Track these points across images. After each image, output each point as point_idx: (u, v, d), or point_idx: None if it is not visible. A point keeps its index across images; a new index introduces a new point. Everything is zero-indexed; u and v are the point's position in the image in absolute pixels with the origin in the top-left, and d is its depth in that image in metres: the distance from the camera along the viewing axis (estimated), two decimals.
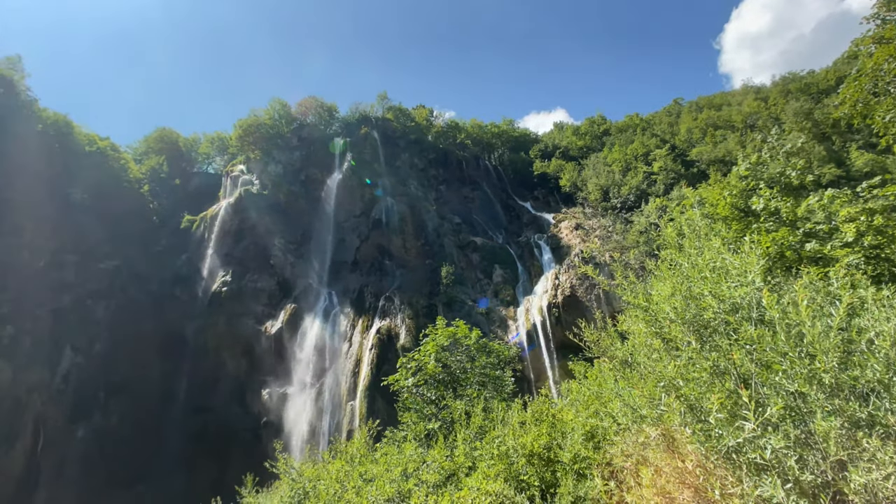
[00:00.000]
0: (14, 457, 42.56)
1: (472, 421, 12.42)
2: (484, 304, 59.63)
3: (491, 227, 64.52)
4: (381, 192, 63.55)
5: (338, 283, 56.17)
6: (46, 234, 53.08)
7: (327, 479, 11.26)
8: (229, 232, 61.64)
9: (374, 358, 44.98)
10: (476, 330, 17.39)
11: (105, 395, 50.89)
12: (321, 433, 42.45)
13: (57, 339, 50.22)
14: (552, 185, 74.16)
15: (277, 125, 73.46)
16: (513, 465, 9.94)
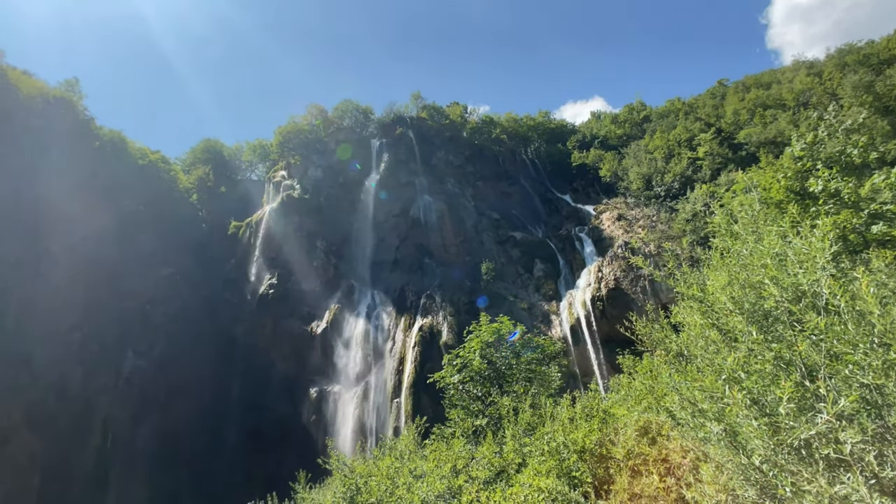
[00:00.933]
0: (86, 454, 45.50)
1: (520, 417, 12.32)
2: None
3: (530, 222, 63.81)
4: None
5: (379, 282, 57.00)
6: (108, 245, 56.34)
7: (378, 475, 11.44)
8: (273, 236, 63.59)
9: (417, 356, 45.40)
10: (521, 325, 17.25)
11: (165, 396, 53.62)
12: (369, 430, 43.24)
13: (120, 343, 53.28)
14: (591, 176, 72.57)
15: (315, 130, 75.21)
16: (564, 461, 9.80)
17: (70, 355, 47.88)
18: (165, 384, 53.77)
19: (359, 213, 64.43)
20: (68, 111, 59.27)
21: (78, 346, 49.24)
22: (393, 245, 60.27)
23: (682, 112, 70.49)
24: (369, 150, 72.42)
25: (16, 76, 55.47)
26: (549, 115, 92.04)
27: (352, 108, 78.78)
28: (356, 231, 62.87)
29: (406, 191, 64.43)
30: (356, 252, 61.22)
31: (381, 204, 64.04)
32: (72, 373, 47.07)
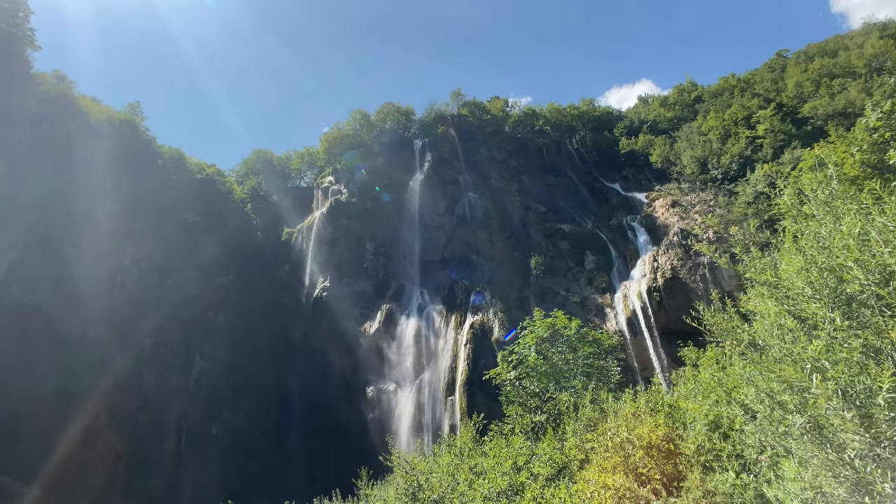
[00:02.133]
0: (164, 451, 48.59)
1: (580, 412, 12.07)
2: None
3: (578, 213, 62.38)
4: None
5: (428, 281, 57.48)
6: (172, 256, 59.86)
7: (439, 472, 11.51)
8: (324, 240, 65.46)
9: (469, 353, 45.44)
10: (576, 320, 16.89)
11: (232, 396, 56.42)
12: (425, 427, 43.72)
13: (188, 347, 56.50)
14: (641, 163, 70.00)
15: (359, 134, 76.78)
16: (629, 457, 9.51)
17: (144, 360, 51.26)
18: (231, 385, 56.57)
19: (405, 214, 65.23)
20: (133, 133, 63.35)
21: (151, 352, 52.63)
22: (440, 243, 60.59)
23: (737, 89, 66.67)
24: (412, 151, 73.11)
25: (86, 103, 59.81)
26: (593, 103, 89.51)
27: (393, 110, 79.79)
28: (403, 231, 63.70)
29: (450, 189, 64.59)
30: (404, 252, 62.04)
31: (425, 203, 64.53)
32: (147, 376, 50.39)
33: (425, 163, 69.23)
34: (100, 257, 50.47)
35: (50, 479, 36.30)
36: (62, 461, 38.28)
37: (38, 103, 49.29)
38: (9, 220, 40.67)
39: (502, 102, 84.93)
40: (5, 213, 40.41)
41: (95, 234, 50.33)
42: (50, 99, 51.56)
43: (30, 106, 47.71)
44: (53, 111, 50.64)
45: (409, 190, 67.43)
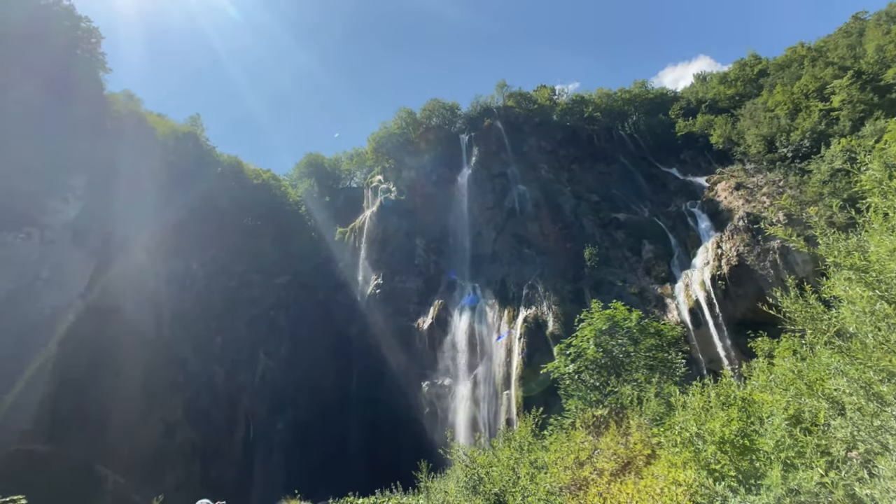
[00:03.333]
0: (234, 444, 51.35)
1: (644, 406, 11.62)
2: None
3: (633, 201, 60.09)
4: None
5: (480, 275, 57.33)
6: (234, 259, 62.97)
7: (499, 466, 11.43)
8: (376, 239, 66.75)
9: (523, 347, 44.99)
10: (636, 311, 16.27)
11: (294, 392, 58.79)
12: (481, 422, 43.76)
13: (252, 345, 59.32)
14: (700, 145, 66.43)
15: (406, 133, 77.50)
16: (700, 452, 9.06)
17: (214, 357, 54.30)
18: (293, 381, 58.95)
19: (454, 209, 65.33)
20: (195, 144, 67.04)
21: (219, 350, 55.67)
22: (490, 238, 60.25)
23: (807, 59, 61.77)
24: (458, 146, 73.03)
25: (152, 119, 63.84)
26: (645, 85, 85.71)
27: (438, 106, 79.97)
28: (453, 227, 63.84)
29: (499, 182, 64.01)
30: (455, 247, 62.19)
31: (474, 197, 64.32)
32: (217, 373, 53.35)
33: (472, 157, 68.96)
34: (170, 262, 53.86)
35: (136, 468, 39.25)
36: (146, 451, 41.30)
37: (112, 122, 53.06)
38: (90, 231, 44.11)
39: (549, 91, 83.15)
40: (87, 225, 43.85)
41: (166, 240, 53.72)
42: (121, 117, 55.40)
43: (104, 125, 51.42)
44: (125, 128, 54.39)
45: (457, 185, 67.43)
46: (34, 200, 40.63)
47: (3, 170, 39.19)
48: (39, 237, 40.24)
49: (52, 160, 42.84)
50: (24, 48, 44.64)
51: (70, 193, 43.74)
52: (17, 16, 45.04)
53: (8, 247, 38.24)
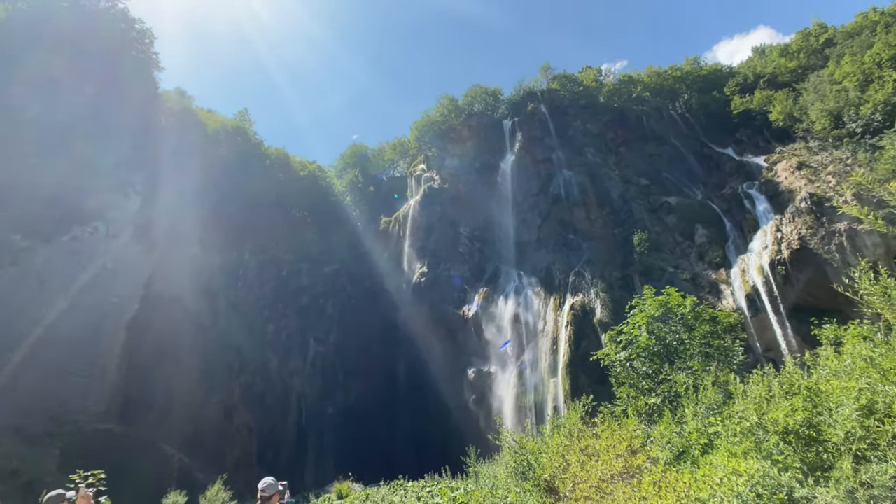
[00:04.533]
0: (288, 426, 53.51)
1: (701, 395, 11.15)
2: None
3: (685, 184, 57.48)
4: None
5: (525, 263, 56.72)
6: (283, 249, 65.10)
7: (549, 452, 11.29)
8: (420, 227, 67.18)
9: (570, 335, 44.28)
10: (690, 297, 15.60)
11: (344, 377, 60.55)
12: (527, 409, 43.56)
13: (303, 332, 61.39)
14: (758, 123, 62.53)
15: (448, 120, 77.19)
16: (762, 442, 8.62)
17: (267, 344, 56.58)
18: (343, 367, 60.69)
19: (497, 196, 64.72)
20: (244, 138, 69.39)
21: (272, 336, 57.95)
22: (535, 224, 59.35)
23: (880, 25, 56.69)
24: (501, 132, 72.10)
25: (203, 115, 66.50)
26: (698, 61, 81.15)
27: (480, 92, 79.08)
28: (497, 214, 63.31)
29: (543, 167, 62.78)
30: (499, 235, 61.72)
31: (518, 184, 63.47)
32: (270, 359, 55.60)
33: (516, 143, 67.91)
34: (224, 253, 56.28)
35: (199, 448, 41.61)
36: (207, 432, 43.68)
37: (166, 119, 55.67)
38: (150, 226, 46.65)
39: (595, 72, 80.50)
40: (147, 219, 46.38)
41: (219, 232, 56.10)
42: (174, 114, 58.02)
43: (160, 122, 54.01)
44: (178, 125, 56.98)
45: (501, 172, 66.70)
46: (99, 197, 43.28)
47: (71, 168, 41.93)
48: (105, 231, 42.92)
49: (114, 158, 45.43)
50: (85, 51, 47.34)
51: (130, 189, 46.33)
52: (78, 20, 47.74)
53: (78, 241, 41.01)
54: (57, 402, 35.11)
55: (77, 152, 42.61)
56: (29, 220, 38.29)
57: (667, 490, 7.62)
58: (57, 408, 34.94)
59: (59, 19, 46.59)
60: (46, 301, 37.54)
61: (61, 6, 47.79)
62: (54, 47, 45.15)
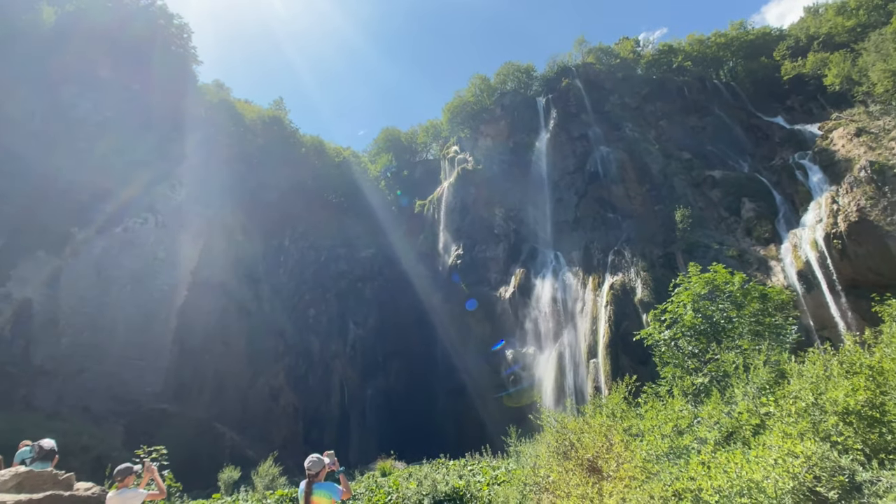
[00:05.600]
0: (332, 407, 55.17)
1: (752, 374, 10.72)
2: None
3: (731, 156, 54.80)
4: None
5: (562, 242, 55.80)
6: (321, 234, 66.38)
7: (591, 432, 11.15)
8: (454, 209, 66.99)
9: (610, 315, 43.47)
10: (739, 274, 14.93)
11: (383, 359, 61.76)
12: (567, 390, 43.27)
13: (342, 316, 62.78)
14: (811, 88, 58.67)
15: (480, 100, 76.12)
16: (819, 423, 8.23)
17: (308, 328, 58.21)
18: (382, 349, 61.87)
19: (532, 176, 63.64)
20: (280, 127, 70.66)
21: (313, 320, 59.54)
22: (571, 203, 58.12)
23: None
24: (535, 110, 70.55)
25: (241, 106, 68.00)
26: (744, 25, 76.44)
27: (512, 70, 77.44)
28: (532, 194, 62.32)
29: (579, 145, 61.14)
30: (535, 215, 60.82)
31: (553, 162, 62.15)
32: (312, 342, 57.22)
33: (550, 120, 66.33)
34: (265, 240, 57.93)
35: (248, 426, 43.54)
36: (255, 412, 45.61)
37: (206, 111, 57.23)
38: (196, 214, 48.38)
39: (632, 43, 77.31)
40: (192, 209, 48.10)
41: (260, 220, 57.73)
42: (213, 106, 59.57)
43: (200, 114, 55.58)
44: (217, 116, 58.53)
45: (535, 151, 65.42)
46: (148, 189, 45.18)
47: (123, 162, 43.85)
48: (154, 221, 44.86)
49: (160, 151, 47.19)
50: (127, 49, 49.05)
51: (176, 181, 48.09)
52: (120, 19, 49.39)
53: (130, 231, 43.06)
54: (118, 383, 37.37)
55: (125, 147, 44.49)
56: (85, 213, 40.45)
57: (717, 470, 7.38)
58: (118, 388, 37.20)
59: (102, 18, 48.34)
60: (105, 290, 39.77)
61: (105, 6, 49.53)
62: (99, 46, 46.97)
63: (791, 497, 6.53)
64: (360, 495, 13.88)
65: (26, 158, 37.99)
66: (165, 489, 9.70)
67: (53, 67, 43.56)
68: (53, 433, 28.14)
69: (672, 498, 7.79)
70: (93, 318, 38.25)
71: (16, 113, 39.55)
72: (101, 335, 38.08)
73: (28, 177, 37.81)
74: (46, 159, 38.65)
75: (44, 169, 38.46)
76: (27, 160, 38.02)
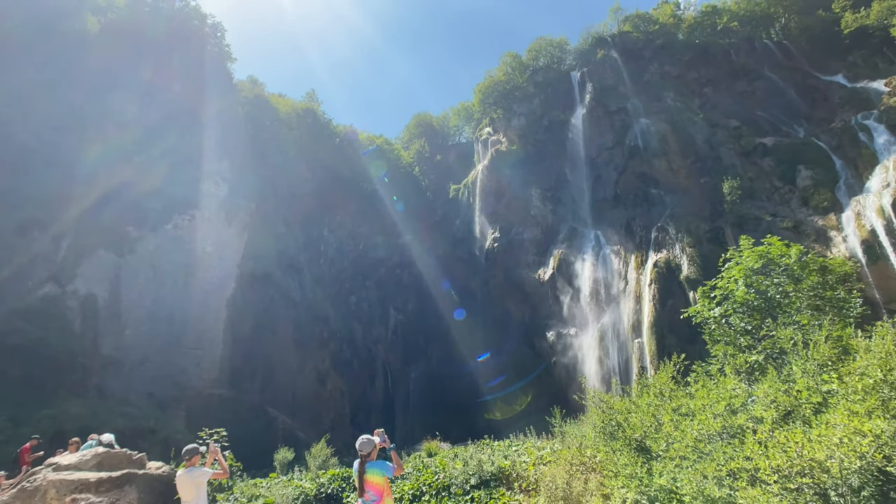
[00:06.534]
0: (376, 390, 56.53)
1: (811, 350, 10.11)
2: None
3: (784, 121, 51.48)
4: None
5: (602, 221, 54.40)
6: (359, 223, 67.31)
7: (638, 412, 10.87)
8: (489, 192, 66.37)
9: (655, 293, 42.23)
10: (796, 245, 14.05)
11: (424, 343, 62.53)
12: (610, 370, 42.56)
13: (383, 302, 63.84)
14: (876, 41, 53.93)
15: (512, 78, 74.50)
16: (889, 401, 7.71)
17: (351, 314, 59.53)
18: (423, 334, 62.60)
19: (569, 153, 62.06)
20: (313, 119, 71.65)
21: (355, 307, 60.83)
22: (611, 180, 56.39)
23: None
24: (570, 85, 68.49)
25: (275, 100, 69.26)
26: None
27: (545, 44, 75.24)
28: (569, 172, 60.85)
29: (618, 118, 58.96)
30: (573, 194, 59.45)
31: (590, 138, 60.31)
32: (355, 328, 58.54)
33: (586, 95, 64.25)
34: (305, 230, 59.30)
35: (298, 410, 45.19)
36: (304, 396, 47.24)
37: (243, 107, 58.64)
38: (240, 209, 49.97)
39: (671, 7, 73.44)
40: (235, 203, 49.68)
41: (300, 210, 59.06)
42: (249, 102, 60.97)
43: (237, 111, 57.02)
44: (254, 112, 59.92)
45: (571, 127, 63.65)
46: (193, 186, 46.94)
47: (168, 162, 45.67)
48: (201, 217, 46.65)
49: (203, 149, 48.82)
50: (167, 51, 50.68)
51: (219, 177, 49.71)
52: (159, 23, 50.99)
53: (180, 228, 44.98)
54: (178, 370, 39.50)
55: (171, 147, 46.28)
56: (138, 212, 42.52)
57: (775, 450, 7.01)
58: (178, 376, 39.33)
59: (142, 24, 50.08)
60: (160, 284, 41.88)
61: (143, 11, 51.23)
62: (142, 51, 48.76)
63: (858, 477, 6.15)
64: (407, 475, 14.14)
65: (83, 163, 40.15)
66: (228, 468, 10.18)
67: (101, 74, 45.58)
68: (124, 418, 30.16)
69: (727, 478, 7.50)
70: (151, 311, 40.41)
71: (72, 122, 41.75)
72: (160, 326, 40.22)
73: (85, 180, 39.97)
74: (100, 163, 40.73)
75: (98, 172, 40.56)
76: (83, 165, 40.17)
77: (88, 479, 10.45)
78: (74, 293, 36.57)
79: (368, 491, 7.27)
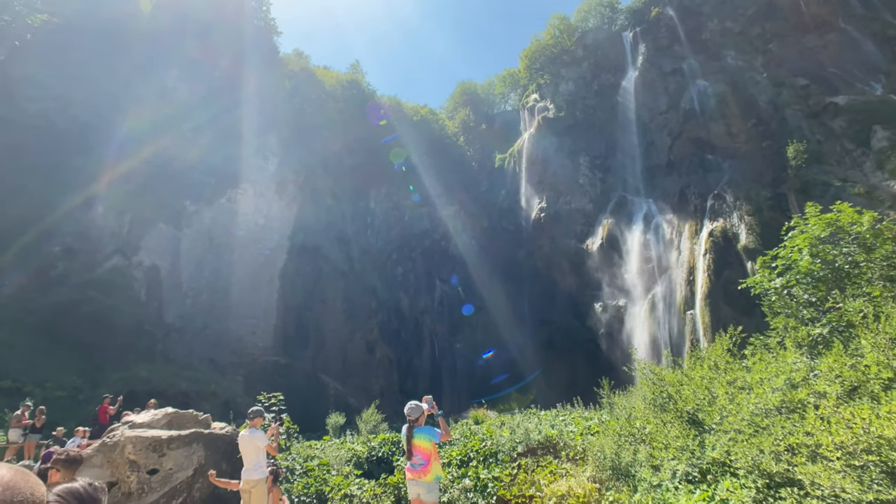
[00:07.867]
0: (423, 359, 57.83)
1: (883, 323, 9.48)
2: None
3: (859, 77, 47.07)
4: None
5: (654, 189, 52.32)
6: (404, 194, 67.70)
7: (691, 385, 10.65)
8: (536, 161, 64.96)
9: (709, 264, 40.59)
10: (869, 212, 13.05)
11: (469, 314, 63.08)
12: (661, 343, 41.64)
13: (429, 273, 64.55)
14: None
15: (559, 41, 71.62)
16: None
17: (398, 285, 60.64)
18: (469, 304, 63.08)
19: (619, 119, 59.52)
20: (358, 90, 71.75)
21: (401, 278, 61.87)
22: (664, 146, 53.83)
23: None
24: (621, 46, 65.08)
25: (321, 73, 69.68)
26: None
27: (594, 4, 71.53)
28: (620, 139, 58.49)
29: (672, 80, 55.76)
30: (623, 161, 57.28)
31: (643, 102, 57.50)
32: (402, 299, 59.68)
33: (638, 56, 60.98)
34: (352, 202, 60.31)
35: (349, 377, 47.04)
36: (354, 364, 49.04)
37: (289, 80, 59.44)
38: (289, 182, 51.35)
39: None
40: (284, 177, 51.05)
41: (346, 182, 59.99)
42: (295, 75, 61.65)
43: (283, 85, 57.89)
44: (300, 85, 60.59)
45: (622, 91, 60.82)
46: (245, 161, 48.54)
47: (219, 137, 47.29)
48: (252, 191, 48.35)
49: (251, 124, 50.15)
50: (213, 28, 51.79)
51: (268, 151, 51.10)
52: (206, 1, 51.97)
53: (233, 201, 46.85)
54: (235, 339, 41.83)
55: (221, 123, 47.83)
56: (194, 187, 44.53)
57: (839, 426, 6.72)
58: (235, 343, 41.67)
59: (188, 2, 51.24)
60: (217, 255, 44.06)
61: None
62: (190, 29, 50.10)
63: None
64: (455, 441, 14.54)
65: (137, 140, 42.18)
66: (278, 449, 10.86)
67: (156, 55, 47.32)
68: (188, 381, 32.36)
69: (784, 452, 7.27)
70: (209, 282, 42.72)
71: (128, 101, 43.77)
72: (218, 296, 42.53)
73: (144, 157, 42.09)
74: (152, 139, 42.67)
75: (156, 149, 42.58)
76: (137, 142, 42.20)
77: (160, 436, 11.41)
78: (139, 264, 39.10)
79: (416, 455, 7.50)
